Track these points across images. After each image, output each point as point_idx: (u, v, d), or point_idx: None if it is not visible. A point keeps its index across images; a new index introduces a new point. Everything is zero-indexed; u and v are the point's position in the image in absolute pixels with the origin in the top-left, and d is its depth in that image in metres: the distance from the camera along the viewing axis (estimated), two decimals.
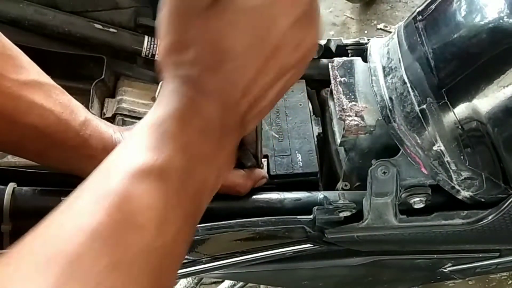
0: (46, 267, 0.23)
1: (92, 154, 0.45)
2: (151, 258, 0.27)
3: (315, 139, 0.60)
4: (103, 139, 0.47)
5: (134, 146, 0.30)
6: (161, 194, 0.28)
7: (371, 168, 0.49)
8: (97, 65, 0.64)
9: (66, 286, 0.23)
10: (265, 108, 0.36)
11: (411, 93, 0.48)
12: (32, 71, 0.44)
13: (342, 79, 0.56)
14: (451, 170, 0.48)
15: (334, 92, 0.55)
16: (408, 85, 0.49)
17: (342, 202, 0.51)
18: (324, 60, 0.67)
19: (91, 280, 0.23)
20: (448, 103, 0.46)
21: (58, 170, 0.49)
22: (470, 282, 1.37)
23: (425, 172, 0.49)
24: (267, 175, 0.55)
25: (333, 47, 0.66)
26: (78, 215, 0.26)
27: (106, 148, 0.46)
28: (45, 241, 0.25)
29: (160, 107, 0.32)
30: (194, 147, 0.31)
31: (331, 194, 0.53)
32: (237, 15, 0.30)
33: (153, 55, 0.65)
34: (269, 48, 0.32)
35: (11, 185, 0.48)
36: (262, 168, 0.54)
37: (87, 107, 0.60)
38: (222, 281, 1.03)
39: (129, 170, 0.28)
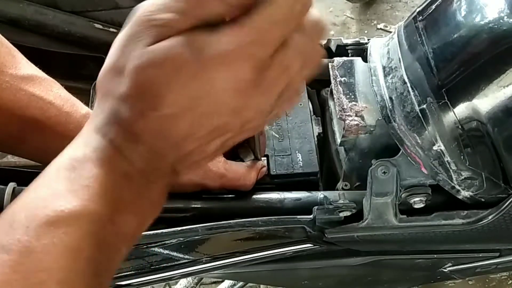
0: None
1: None
2: None
3: (315, 139, 0.60)
4: None
5: (42, 191, 0.27)
6: (68, 249, 0.25)
7: (371, 168, 0.49)
8: (97, 65, 0.63)
9: None
10: (201, 160, 0.33)
11: (411, 93, 0.48)
12: (30, 67, 0.44)
13: (342, 79, 0.56)
14: (451, 170, 0.48)
15: (334, 92, 0.55)
16: (408, 85, 0.49)
17: (342, 202, 0.51)
18: (324, 60, 0.67)
19: None
20: (448, 103, 0.46)
21: None
22: (470, 282, 1.37)
23: (425, 172, 0.49)
24: (265, 164, 0.55)
25: (333, 47, 0.66)
26: None
27: None
28: None
29: (79, 145, 0.29)
30: (113, 194, 0.28)
31: (331, 194, 0.53)
32: (173, 63, 0.28)
33: None
34: (202, 107, 0.29)
35: (11, 185, 0.48)
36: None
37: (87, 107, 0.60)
38: (222, 281, 1.03)
39: (33, 221, 0.25)
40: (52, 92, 0.44)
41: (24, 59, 0.44)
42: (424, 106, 0.47)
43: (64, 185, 0.27)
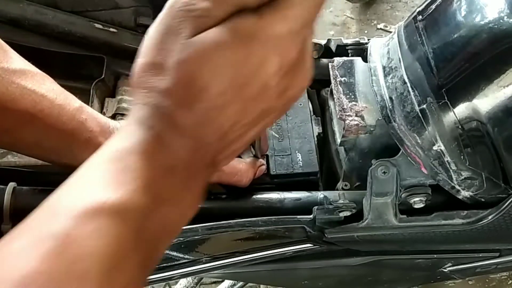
0: None
1: (89, 137, 0.45)
2: None
3: (315, 138, 0.60)
4: (100, 123, 0.46)
5: (86, 181, 0.27)
6: (113, 238, 0.25)
7: (371, 168, 0.49)
8: (97, 65, 0.64)
9: None
10: (239, 148, 0.33)
11: (411, 93, 0.48)
12: (21, 61, 0.44)
13: (342, 79, 0.56)
14: (451, 170, 0.48)
15: (334, 92, 0.55)
16: (408, 85, 0.49)
17: (342, 202, 0.51)
18: (324, 60, 0.67)
19: None
20: (448, 103, 0.46)
21: (54, 163, 0.48)
22: (470, 282, 1.37)
23: (425, 172, 0.49)
24: (264, 162, 0.55)
25: (333, 47, 0.66)
26: (9, 261, 0.23)
27: (103, 131, 0.46)
28: None
29: (123, 137, 0.29)
30: (157, 186, 0.28)
31: (331, 194, 0.53)
32: (221, 52, 0.27)
33: None
34: (251, 93, 0.29)
35: (11, 185, 0.48)
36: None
37: None
38: (222, 281, 1.03)
39: (76, 209, 0.25)
40: (44, 85, 0.44)
41: (15, 54, 0.44)
42: (424, 106, 0.47)
43: (108, 176, 0.27)
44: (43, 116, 0.43)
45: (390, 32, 0.59)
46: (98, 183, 0.27)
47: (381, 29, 2.08)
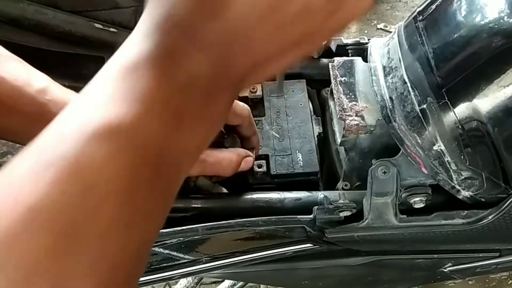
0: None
1: (52, 119, 0.43)
2: (111, 244, 0.21)
3: (316, 138, 0.60)
4: (65, 104, 0.43)
5: (96, 97, 0.24)
6: (130, 160, 0.22)
7: (371, 167, 0.49)
8: (97, 65, 0.63)
9: (9, 260, 0.19)
10: (270, 71, 0.28)
11: (412, 93, 0.48)
12: None
13: (343, 79, 0.56)
14: (451, 170, 0.48)
15: (334, 91, 0.55)
16: (409, 84, 0.49)
17: (342, 201, 0.51)
18: (325, 60, 0.67)
19: (23, 269, 0.19)
20: (449, 102, 0.46)
21: (22, 145, 0.47)
22: (470, 282, 1.37)
23: (425, 172, 0.49)
24: (251, 154, 0.54)
25: (333, 46, 0.66)
26: (13, 189, 0.20)
27: None
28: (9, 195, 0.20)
29: (134, 45, 0.24)
30: (175, 103, 0.24)
31: (331, 194, 0.53)
32: None
33: None
34: (292, 10, 0.24)
35: None
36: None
37: None
38: (222, 281, 1.03)
39: (87, 131, 0.22)
40: (6, 65, 0.43)
41: None
42: (424, 106, 0.47)
43: (119, 95, 0.23)
44: (2, 98, 0.42)
45: (390, 32, 0.59)
46: (109, 103, 0.23)
47: (381, 29, 2.08)
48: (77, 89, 0.67)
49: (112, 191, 0.21)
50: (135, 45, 0.25)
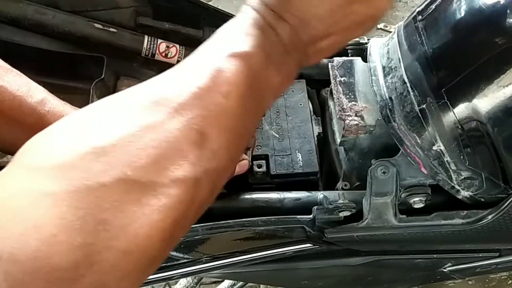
0: (158, 105, 0.29)
1: None
2: (231, 119, 0.32)
3: (315, 138, 0.60)
4: (63, 116, 0.46)
5: (226, 37, 0.36)
6: (244, 75, 0.33)
7: (371, 168, 0.49)
8: (97, 65, 0.64)
9: (169, 123, 0.29)
10: (332, 45, 0.39)
11: (411, 93, 0.48)
12: None
13: (342, 79, 0.56)
14: (451, 170, 0.48)
15: (334, 92, 0.55)
16: (408, 85, 0.49)
17: (342, 201, 0.51)
18: (324, 60, 0.66)
19: (187, 123, 0.29)
20: (448, 103, 0.46)
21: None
22: (470, 282, 1.37)
23: (425, 172, 0.49)
24: (246, 156, 0.54)
25: None
26: (184, 77, 0.32)
27: None
28: (157, 89, 0.31)
29: (241, 18, 0.37)
30: (268, 50, 0.36)
31: (331, 194, 0.53)
32: None
33: (152, 55, 0.65)
34: (348, 9, 0.37)
35: None
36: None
37: None
38: (222, 281, 1.03)
39: (221, 51, 0.34)
40: (6, 77, 0.44)
41: None
42: (424, 106, 0.47)
43: (237, 37, 0.35)
44: (3, 108, 0.43)
45: (390, 32, 0.59)
46: (234, 39, 0.35)
47: (381, 29, 2.07)
48: (77, 89, 0.67)
49: (231, 89, 0.32)
50: (245, 17, 0.37)
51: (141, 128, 0.28)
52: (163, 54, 0.65)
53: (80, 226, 0.24)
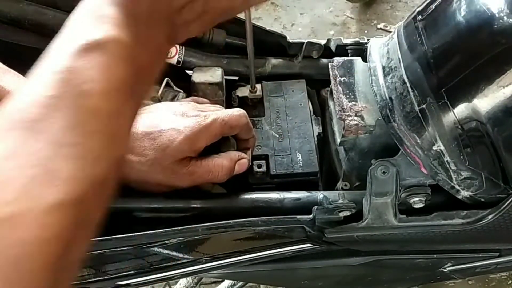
0: (11, 130, 0.26)
1: None
2: (104, 120, 0.29)
3: (315, 138, 0.60)
4: None
5: (75, 27, 0.32)
6: (103, 67, 0.30)
7: (370, 168, 0.49)
8: None
9: (31, 144, 0.26)
10: (194, 22, 0.38)
11: (411, 93, 0.48)
12: None
13: (342, 79, 0.56)
14: (450, 170, 0.48)
15: (334, 92, 0.55)
16: (408, 85, 0.49)
17: (342, 201, 0.51)
18: (324, 60, 0.67)
19: (51, 139, 0.26)
20: (448, 103, 0.46)
21: None
22: (470, 282, 1.37)
23: (425, 172, 0.49)
24: (246, 155, 0.54)
25: (333, 47, 0.66)
26: (33, 90, 0.29)
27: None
28: (8, 112, 0.28)
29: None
30: (129, 28, 0.33)
31: (331, 194, 0.53)
32: None
33: None
34: None
35: None
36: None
37: None
38: (222, 281, 1.03)
39: (73, 47, 0.30)
40: (4, 78, 0.44)
41: None
42: (424, 106, 0.47)
43: (92, 21, 0.32)
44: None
45: (390, 32, 0.59)
46: (85, 27, 0.32)
47: (381, 29, 2.08)
48: None
49: (92, 87, 0.29)
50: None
51: None
52: None
53: None
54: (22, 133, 0.26)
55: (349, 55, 0.64)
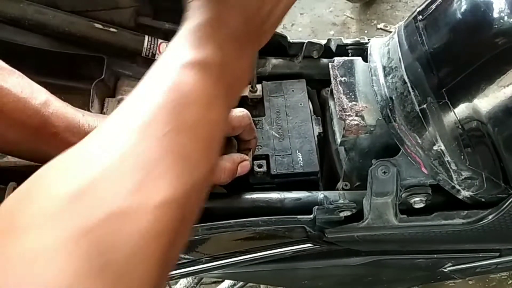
0: (127, 130, 0.29)
1: (54, 132, 0.45)
2: (205, 127, 0.33)
3: (316, 138, 0.60)
4: (67, 118, 0.46)
5: (179, 47, 0.36)
6: (205, 82, 0.34)
7: (371, 167, 0.49)
8: (97, 65, 0.64)
9: (142, 147, 0.28)
10: (276, 21, 0.41)
11: (412, 93, 0.48)
12: None
13: (343, 79, 0.56)
14: (451, 170, 0.48)
15: (334, 91, 0.55)
16: (409, 84, 0.49)
17: (342, 201, 0.51)
18: (325, 60, 0.67)
19: (160, 142, 0.29)
20: (449, 102, 0.46)
21: (19, 156, 0.48)
22: (470, 282, 1.37)
23: (425, 171, 0.49)
24: (247, 157, 0.54)
25: (333, 46, 0.66)
26: (144, 97, 0.32)
27: (69, 127, 0.46)
28: (119, 117, 0.31)
29: (193, 19, 0.37)
30: (226, 48, 0.37)
31: (331, 194, 0.53)
32: None
33: (153, 55, 0.65)
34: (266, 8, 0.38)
35: (11, 185, 0.48)
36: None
37: (87, 107, 0.60)
38: (222, 281, 1.03)
39: (178, 64, 0.34)
40: (10, 79, 0.44)
41: None
42: (425, 106, 0.47)
43: (189, 44, 0.35)
44: (7, 110, 0.43)
45: (390, 32, 0.59)
46: (186, 47, 0.35)
47: (381, 29, 2.08)
48: (77, 89, 0.67)
49: (197, 97, 0.33)
50: (194, 17, 0.37)
51: (115, 159, 0.27)
52: None
53: (89, 271, 0.23)
54: (135, 135, 0.29)
55: (350, 55, 0.64)
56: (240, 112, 0.54)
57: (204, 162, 0.32)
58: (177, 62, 0.34)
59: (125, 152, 0.28)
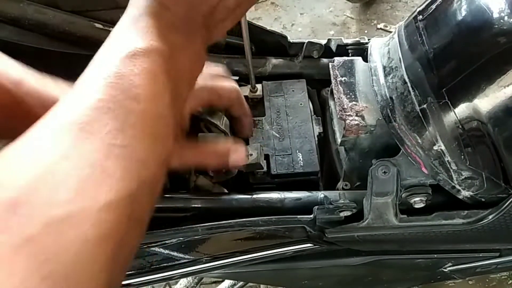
0: (64, 131, 0.28)
1: (28, 111, 0.44)
2: (149, 122, 0.31)
3: (316, 138, 0.60)
4: (40, 96, 0.45)
5: (120, 38, 0.35)
6: (149, 73, 0.32)
7: (371, 167, 0.49)
8: None
9: (84, 146, 0.27)
10: (227, 19, 0.40)
11: (412, 93, 0.48)
12: None
13: (343, 79, 0.56)
14: (451, 170, 0.48)
15: (334, 91, 0.55)
16: (409, 84, 0.49)
17: (342, 201, 0.51)
18: (325, 60, 0.67)
19: (102, 140, 0.28)
20: (449, 102, 0.46)
21: None
22: (470, 282, 1.37)
23: (426, 171, 0.49)
24: (242, 145, 0.52)
25: (333, 46, 0.66)
26: (83, 93, 0.31)
27: (43, 104, 0.45)
28: (59, 115, 0.29)
29: (133, 8, 0.36)
30: (168, 37, 0.35)
31: (331, 194, 0.53)
32: None
33: None
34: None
35: None
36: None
37: None
38: (222, 281, 1.03)
39: (119, 55, 0.32)
40: (19, 69, 0.44)
41: None
42: (425, 106, 0.47)
43: (132, 32, 0.34)
44: (21, 97, 0.43)
45: (390, 32, 0.59)
46: (128, 38, 0.34)
47: (381, 29, 2.08)
48: None
49: (140, 91, 0.31)
50: (135, 6, 0.36)
51: (54, 161, 0.26)
52: None
53: (30, 284, 0.22)
54: (75, 134, 0.27)
55: (350, 55, 0.64)
56: (228, 83, 0.53)
57: (151, 159, 0.30)
58: (117, 53, 0.33)
59: (64, 154, 0.27)
